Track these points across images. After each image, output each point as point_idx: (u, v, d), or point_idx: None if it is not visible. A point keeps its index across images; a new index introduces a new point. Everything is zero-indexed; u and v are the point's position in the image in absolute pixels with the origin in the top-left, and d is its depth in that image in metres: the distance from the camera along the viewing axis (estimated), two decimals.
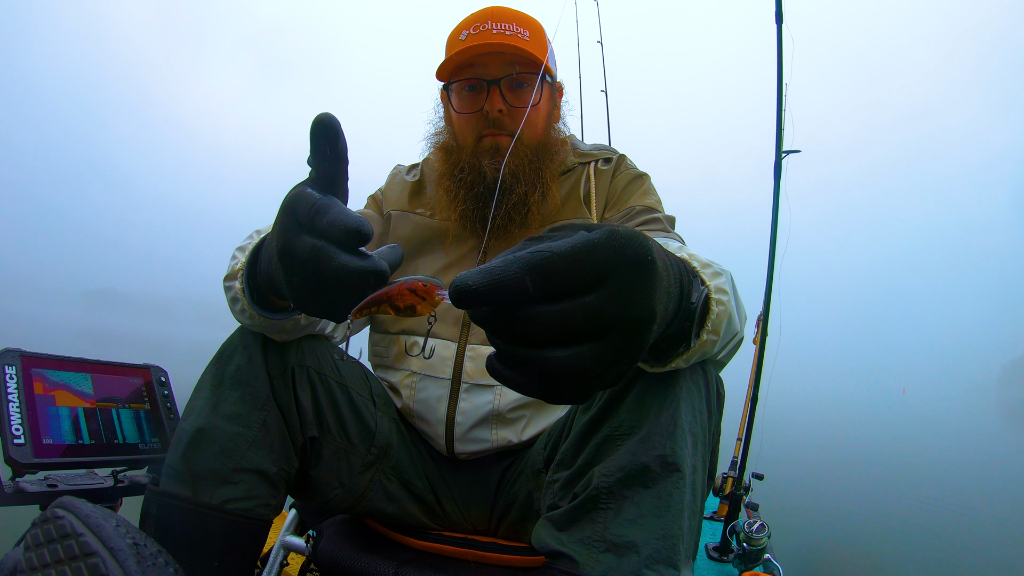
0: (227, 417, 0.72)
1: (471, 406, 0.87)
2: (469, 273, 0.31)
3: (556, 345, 0.32)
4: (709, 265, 0.56)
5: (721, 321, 0.53)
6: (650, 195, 0.95)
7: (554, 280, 0.30)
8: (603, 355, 0.32)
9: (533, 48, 0.88)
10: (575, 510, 0.61)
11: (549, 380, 0.33)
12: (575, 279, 0.31)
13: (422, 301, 0.42)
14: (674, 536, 0.57)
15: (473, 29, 0.88)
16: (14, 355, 0.78)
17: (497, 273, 0.30)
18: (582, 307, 0.31)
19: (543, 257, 0.30)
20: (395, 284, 0.43)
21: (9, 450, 0.72)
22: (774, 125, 1.81)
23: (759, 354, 1.85)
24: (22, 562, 0.55)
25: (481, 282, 0.30)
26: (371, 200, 1.06)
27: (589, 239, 0.31)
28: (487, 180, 0.88)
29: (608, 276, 0.32)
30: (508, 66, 0.88)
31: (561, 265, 0.30)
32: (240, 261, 0.66)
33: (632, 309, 0.33)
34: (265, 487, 0.73)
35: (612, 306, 0.32)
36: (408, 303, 0.43)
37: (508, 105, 0.88)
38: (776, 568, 1.43)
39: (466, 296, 0.31)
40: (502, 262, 0.31)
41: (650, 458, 0.58)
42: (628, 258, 0.32)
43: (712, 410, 0.66)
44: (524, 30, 0.89)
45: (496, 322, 0.32)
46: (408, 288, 0.42)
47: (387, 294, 0.43)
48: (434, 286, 0.42)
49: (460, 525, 0.91)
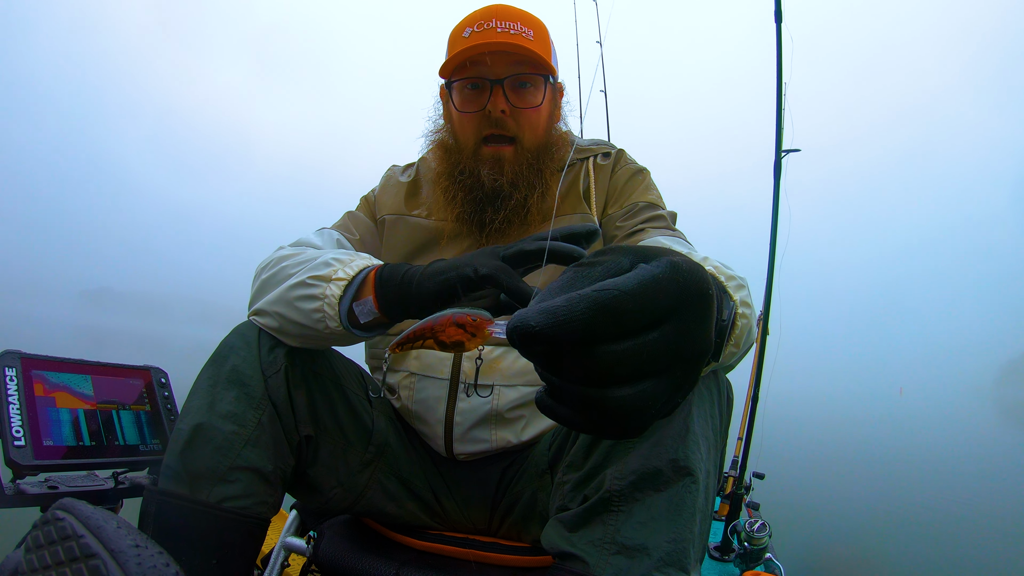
0: (223, 416, 0.72)
1: (469, 406, 0.86)
2: (530, 312, 0.29)
3: (618, 383, 0.30)
4: (732, 277, 0.56)
5: (743, 334, 0.53)
6: (651, 191, 0.94)
7: (622, 319, 0.29)
8: (664, 390, 0.31)
9: (537, 48, 0.88)
10: (586, 512, 0.61)
11: (609, 417, 0.31)
12: (642, 317, 0.29)
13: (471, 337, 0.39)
14: (685, 540, 0.57)
15: (477, 26, 0.87)
16: (14, 357, 0.77)
17: (563, 314, 0.28)
18: (647, 346, 0.30)
19: (610, 296, 0.28)
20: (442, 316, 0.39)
21: (10, 452, 0.71)
22: (774, 124, 1.81)
23: (759, 354, 1.85)
24: (23, 564, 0.54)
25: (545, 323, 0.28)
26: (363, 201, 1.05)
27: (655, 275, 0.30)
28: (485, 188, 0.88)
29: (672, 313, 0.30)
30: (512, 66, 0.87)
31: (630, 304, 0.29)
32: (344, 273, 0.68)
33: (694, 344, 0.31)
34: (262, 485, 0.73)
35: (675, 343, 0.30)
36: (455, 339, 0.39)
37: (511, 106, 0.87)
38: (777, 567, 1.43)
39: (527, 339, 0.29)
40: (566, 301, 0.29)
41: (663, 462, 0.58)
42: (691, 294, 0.31)
43: (722, 414, 0.66)
44: (528, 29, 0.88)
45: (554, 360, 0.30)
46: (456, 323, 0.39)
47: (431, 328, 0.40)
48: (484, 321, 0.39)
49: (460, 524, 0.90)
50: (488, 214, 0.89)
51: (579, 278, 0.31)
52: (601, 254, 0.33)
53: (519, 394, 0.86)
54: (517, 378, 0.85)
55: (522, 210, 0.89)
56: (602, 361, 0.29)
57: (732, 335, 0.51)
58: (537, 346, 0.29)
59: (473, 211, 0.90)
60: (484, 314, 0.39)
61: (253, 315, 0.78)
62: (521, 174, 0.88)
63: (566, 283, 0.31)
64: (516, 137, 0.89)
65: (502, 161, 0.89)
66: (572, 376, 0.30)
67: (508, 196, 0.88)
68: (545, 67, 0.88)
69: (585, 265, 0.33)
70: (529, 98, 0.89)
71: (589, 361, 0.29)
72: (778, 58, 1.80)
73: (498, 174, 0.88)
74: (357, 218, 1.02)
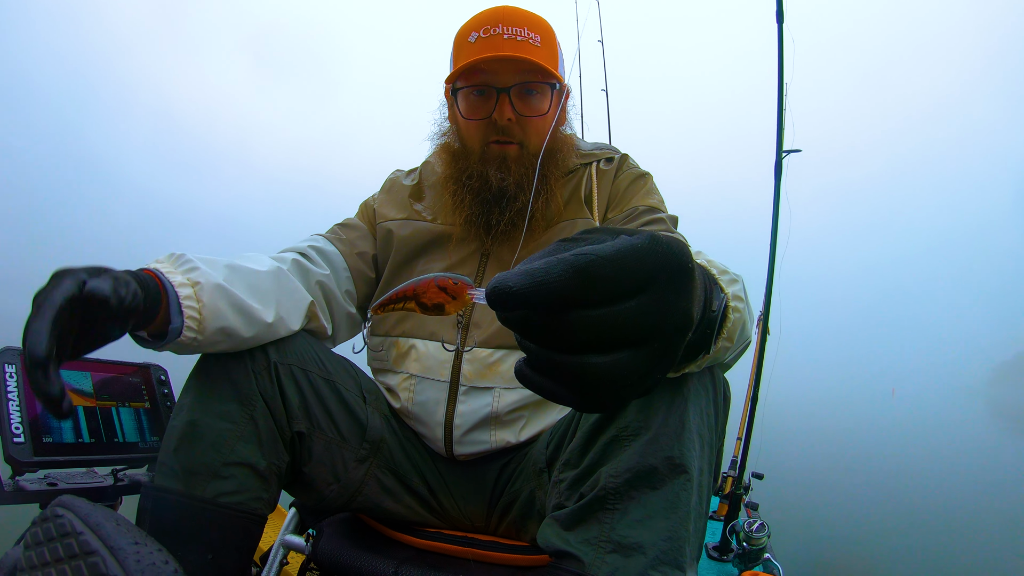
0: (215, 412, 0.73)
1: (469, 409, 0.86)
2: (509, 274, 0.30)
3: (594, 351, 0.30)
4: (725, 271, 0.56)
5: (736, 329, 0.53)
6: (653, 195, 0.94)
7: (598, 284, 0.29)
8: (641, 362, 0.31)
9: (544, 56, 0.87)
10: (582, 510, 0.61)
11: (585, 388, 0.31)
12: (619, 284, 0.30)
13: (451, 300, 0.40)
14: (681, 538, 0.57)
15: (483, 31, 0.86)
16: (14, 353, 0.77)
17: (540, 275, 0.29)
18: (623, 313, 0.30)
19: (588, 260, 0.29)
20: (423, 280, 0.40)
21: (9, 448, 0.72)
22: (775, 124, 1.81)
23: (759, 354, 1.85)
24: (22, 560, 0.54)
25: (522, 284, 0.29)
26: (363, 207, 1.05)
27: (633, 244, 0.30)
28: (493, 189, 0.88)
29: (650, 282, 0.30)
30: (519, 74, 0.86)
31: (606, 269, 0.29)
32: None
33: (672, 316, 0.32)
34: (256, 481, 0.74)
35: (653, 313, 0.31)
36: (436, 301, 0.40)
37: (517, 114, 0.87)
38: (776, 567, 1.42)
39: (505, 298, 0.29)
40: (544, 263, 0.29)
41: (658, 459, 0.58)
42: (670, 264, 0.31)
43: (719, 412, 0.66)
44: (535, 35, 0.87)
45: (532, 326, 0.31)
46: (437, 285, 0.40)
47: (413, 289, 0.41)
48: (465, 285, 0.40)
49: (459, 522, 0.91)
50: (495, 215, 0.89)
51: (561, 249, 0.32)
52: (587, 233, 0.34)
53: (519, 396, 0.86)
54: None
55: (526, 213, 0.89)
56: (577, 326, 0.30)
57: (724, 327, 0.51)
58: (514, 307, 0.30)
59: (480, 213, 0.90)
60: (465, 279, 0.40)
61: None
62: (526, 176, 0.88)
63: (548, 252, 0.32)
64: (522, 142, 0.89)
65: (508, 160, 0.89)
66: (548, 342, 0.31)
67: (513, 198, 0.88)
68: (552, 75, 0.87)
69: (569, 240, 0.33)
70: (536, 105, 0.88)
71: (564, 326, 0.30)
72: (779, 58, 1.80)
73: (505, 173, 0.88)
74: (348, 226, 1.02)
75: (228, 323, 0.71)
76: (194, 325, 0.68)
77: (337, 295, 0.93)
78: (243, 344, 0.75)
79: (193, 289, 0.68)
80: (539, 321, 0.30)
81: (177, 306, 0.67)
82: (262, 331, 0.76)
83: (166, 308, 0.66)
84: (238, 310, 0.72)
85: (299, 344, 0.82)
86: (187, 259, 0.71)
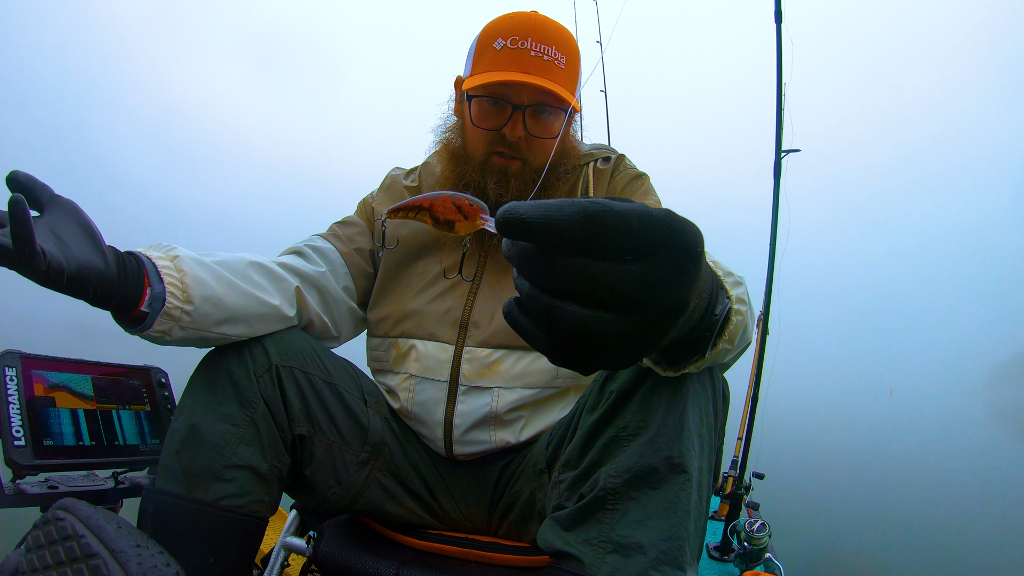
0: (217, 415, 0.73)
1: (469, 408, 0.87)
2: (522, 203, 0.30)
3: (582, 303, 0.31)
4: (730, 273, 0.56)
5: (737, 331, 0.53)
6: (650, 195, 0.94)
7: (604, 235, 0.29)
8: (623, 329, 0.31)
9: (567, 78, 0.86)
10: (581, 510, 0.61)
11: (561, 336, 0.32)
12: (624, 242, 0.30)
13: (463, 220, 0.41)
14: (680, 538, 0.57)
15: (511, 41, 0.84)
16: (14, 357, 0.77)
17: (552, 211, 0.29)
18: (620, 272, 0.30)
19: (599, 208, 0.29)
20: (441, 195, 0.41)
21: (9, 452, 0.71)
22: (774, 124, 1.81)
23: (759, 354, 1.85)
24: (23, 564, 0.54)
25: (532, 214, 0.30)
26: (362, 205, 1.05)
27: (648, 210, 0.31)
28: (489, 202, 0.87)
29: (655, 251, 0.31)
30: (538, 94, 0.84)
31: (616, 221, 0.29)
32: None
33: (668, 292, 0.31)
34: (258, 484, 0.74)
35: (650, 282, 0.31)
36: (449, 218, 0.41)
37: (528, 133, 0.86)
38: (777, 567, 1.42)
39: (514, 224, 0.30)
40: (558, 202, 0.30)
41: (657, 459, 0.58)
42: (680, 240, 0.31)
43: (718, 412, 0.66)
44: (562, 56, 0.85)
45: (531, 261, 0.31)
46: (454, 202, 0.40)
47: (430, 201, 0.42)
48: (480, 208, 0.41)
49: (459, 523, 0.91)
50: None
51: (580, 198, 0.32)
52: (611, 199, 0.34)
53: (518, 396, 0.86)
54: (517, 380, 0.85)
55: None
56: (574, 270, 0.30)
57: (727, 330, 0.50)
58: (521, 235, 0.30)
59: None
60: (480, 203, 0.41)
61: None
62: (524, 193, 0.87)
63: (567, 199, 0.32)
64: (526, 159, 0.88)
65: (508, 175, 0.88)
66: (540, 282, 0.31)
67: None
68: (569, 103, 0.85)
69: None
70: (548, 127, 0.87)
71: (560, 268, 0.30)
72: (778, 58, 1.80)
73: (504, 189, 0.87)
74: (347, 223, 1.02)
75: (214, 291, 0.71)
76: (177, 292, 0.68)
77: (335, 291, 0.93)
78: (239, 322, 0.75)
79: (172, 262, 0.69)
80: (538, 259, 0.31)
81: (156, 274, 0.67)
82: (252, 304, 0.76)
83: (149, 284, 0.67)
84: (222, 281, 0.73)
85: (301, 346, 0.82)
86: (168, 245, 0.72)
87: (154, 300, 0.67)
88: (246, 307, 0.76)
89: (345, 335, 0.98)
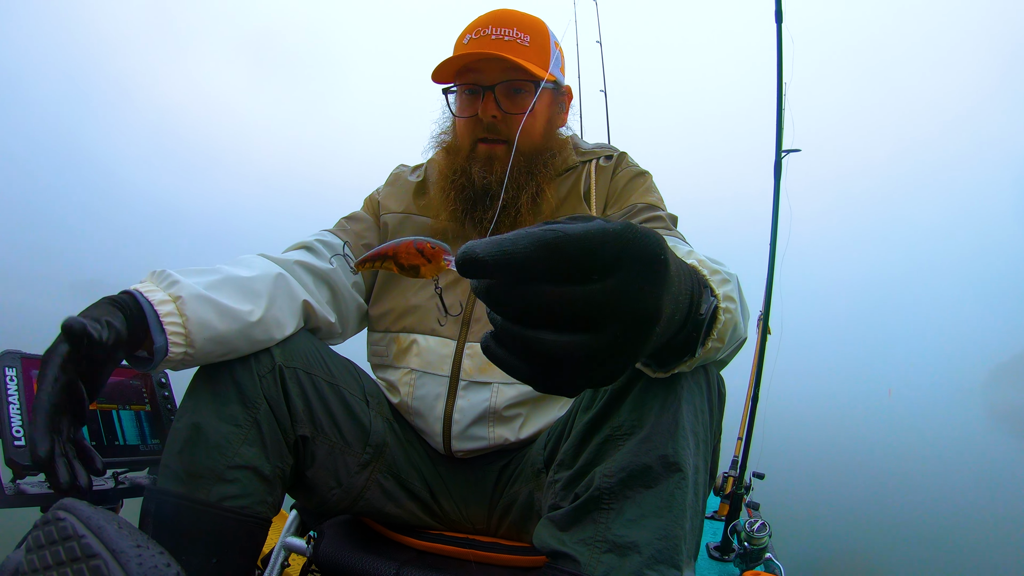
0: (220, 415, 0.73)
1: (468, 403, 0.87)
2: (479, 242, 0.30)
3: (553, 329, 0.31)
4: (717, 272, 0.56)
5: (727, 329, 0.53)
6: (652, 193, 0.95)
7: (563, 261, 0.30)
8: (598, 347, 0.31)
9: (531, 54, 0.89)
10: (577, 510, 0.61)
11: (539, 364, 0.32)
12: (584, 264, 0.30)
13: (427, 263, 0.42)
14: (676, 536, 0.57)
15: (475, 33, 0.89)
16: (15, 357, 0.77)
17: (507, 245, 0.30)
18: (585, 294, 0.30)
19: (554, 236, 0.30)
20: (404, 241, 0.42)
21: (10, 452, 0.71)
22: (774, 124, 1.81)
23: (759, 354, 1.85)
24: (23, 564, 0.54)
25: (488, 252, 0.30)
26: (367, 201, 1.06)
27: (604, 227, 0.31)
28: (476, 186, 0.90)
29: (617, 268, 0.31)
30: (504, 72, 0.88)
31: (572, 248, 0.30)
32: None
33: (636, 305, 0.32)
34: (260, 484, 0.74)
35: (616, 298, 0.31)
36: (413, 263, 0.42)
37: (502, 111, 0.89)
38: (777, 567, 1.43)
39: (471, 264, 0.30)
40: (513, 236, 0.30)
41: (652, 458, 0.58)
42: (640, 253, 0.31)
43: (714, 409, 0.66)
44: (525, 35, 0.89)
45: (497, 296, 0.31)
46: (416, 247, 0.41)
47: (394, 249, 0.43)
48: (441, 250, 0.41)
49: (459, 524, 0.91)
50: (478, 212, 0.90)
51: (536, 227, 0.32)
52: (572, 218, 0.34)
53: (517, 391, 0.86)
54: None
55: (512, 210, 0.90)
56: (539, 299, 0.30)
57: (715, 329, 0.50)
58: (479, 274, 0.31)
59: (465, 209, 0.91)
60: (443, 245, 0.42)
61: None
62: (511, 174, 0.89)
63: (527, 229, 0.32)
64: (509, 140, 0.90)
65: (493, 160, 0.90)
66: (509, 314, 0.31)
67: (496, 195, 0.89)
68: (536, 74, 0.88)
69: (551, 223, 0.33)
70: (522, 103, 0.90)
71: (526, 299, 0.30)
72: (778, 58, 1.80)
73: (488, 172, 0.89)
74: (355, 218, 1.03)
75: (217, 331, 0.70)
76: (180, 340, 0.67)
77: (345, 288, 0.93)
78: (241, 351, 0.75)
79: (175, 304, 0.68)
80: (503, 292, 0.31)
81: (158, 325, 0.66)
82: (256, 333, 0.76)
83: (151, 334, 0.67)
84: (226, 315, 0.72)
85: (304, 347, 0.82)
86: (167, 274, 0.70)
87: (156, 352, 0.67)
88: (251, 338, 0.75)
89: (350, 331, 0.98)
